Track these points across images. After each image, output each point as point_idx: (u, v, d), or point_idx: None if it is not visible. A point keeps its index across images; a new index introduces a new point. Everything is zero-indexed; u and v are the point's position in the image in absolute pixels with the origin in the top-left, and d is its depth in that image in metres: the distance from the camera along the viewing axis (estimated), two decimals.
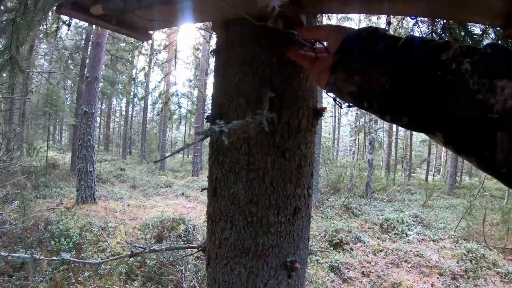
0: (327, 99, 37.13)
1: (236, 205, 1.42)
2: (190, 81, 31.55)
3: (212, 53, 1.64)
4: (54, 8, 2.17)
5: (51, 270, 7.19)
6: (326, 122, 42.83)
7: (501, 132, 0.57)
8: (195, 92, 31.05)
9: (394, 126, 32.81)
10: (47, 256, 7.27)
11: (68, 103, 28.79)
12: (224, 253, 1.48)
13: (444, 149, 34.33)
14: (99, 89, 14.71)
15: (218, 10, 1.41)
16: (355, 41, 0.86)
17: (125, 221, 10.13)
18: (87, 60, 14.53)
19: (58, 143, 40.05)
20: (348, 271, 8.53)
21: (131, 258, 7.56)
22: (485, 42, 2.04)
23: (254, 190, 1.38)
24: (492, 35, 1.99)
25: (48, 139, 19.33)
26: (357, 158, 23.31)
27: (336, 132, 42.14)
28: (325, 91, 1.00)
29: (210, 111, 1.62)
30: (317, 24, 1.63)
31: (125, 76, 24.60)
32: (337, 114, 40.61)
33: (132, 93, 24.38)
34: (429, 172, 33.74)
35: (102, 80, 19.01)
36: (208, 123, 1.50)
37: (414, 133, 32.17)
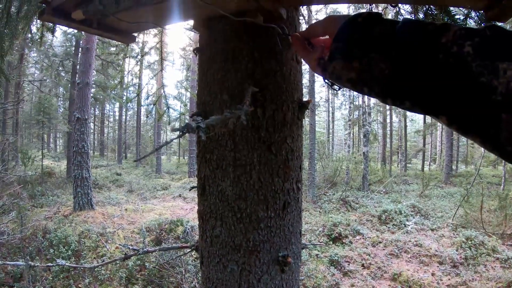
0: (320, 94, 37.20)
1: (225, 202, 1.42)
2: (180, 82, 31.53)
3: (195, 51, 1.64)
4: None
5: (51, 278, 7.15)
6: (320, 117, 42.85)
7: (505, 113, 0.57)
8: (188, 94, 31.05)
9: (388, 117, 32.90)
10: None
11: (61, 111, 28.67)
12: (216, 251, 1.48)
13: (439, 138, 34.45)
14: (91, 94, 14.66)
15: (198, 9, 1.41)
16: (351, 28, 0.85)
17: (123, 225, 10.09)
18: (78, 66, 14.43)
19: (53, 151, 39.94)
20: (348, 264, 8.54)
21: (130, 262, 7.57)
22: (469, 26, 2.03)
23: (242, 186, 1.38)
24: (476, 18, 1.99)
25: (43, 148, 19.28)
26: (352, 152, 23.35)
27: (331, 126, 42.03)
28: (323, 78, 1.00)
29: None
30: (299, 17, 1.63)
31: (116, 81, 24.57)
32: (330, 109, 40.63)
33: (124, 97, 24.32)
34: (425, 162, 33.82)
35: (94, 85, 18.93)
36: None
37: (408, 123, 32.33)
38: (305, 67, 20.88)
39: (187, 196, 15.16)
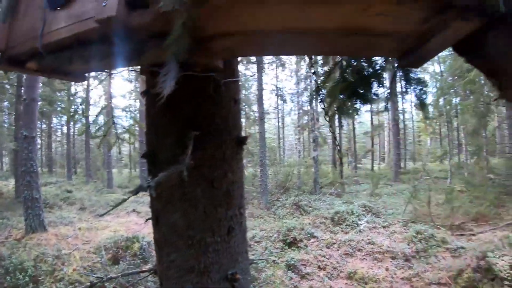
0: (268, 100, 37.40)
1: (176, 231, 1.60)
2: (130, 93, 31.02)
3: (142, 94, 1.80)
4: None
5: None
6: (270, 124, 42.93)
7: None
8: (137, 104, 30.59)
9: (336, 121, 33.62)
10: None
11: (6, 126, 27.46)
12: (173, 274, 1.66)
13: (387, 138, 35.64)
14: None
15: (141, 59, 1.57)
16: None
17: (78, 246, 9.87)
18: (23, 79, 13.91)
19: None
20: (305, 267, 8.75)
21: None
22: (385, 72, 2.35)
23: (189, 217, 1.57)
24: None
25: None
26: (303, 156, 23.70)
27: (281, 132, 42.23)
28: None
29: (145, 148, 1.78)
30: (237, 63, 1.84)
31: (63, 93, 23.88)
32: (280, 115, 40.87)
33: (72, 111, 23.64)
34: (375, 162, 34.84)
35: (40, 99, 18.33)
36: (144, 158, 1.67)
37: (356, 126, 33.18)
38: (254, 77, 20.98)
39: (141, 211, 14.96)
